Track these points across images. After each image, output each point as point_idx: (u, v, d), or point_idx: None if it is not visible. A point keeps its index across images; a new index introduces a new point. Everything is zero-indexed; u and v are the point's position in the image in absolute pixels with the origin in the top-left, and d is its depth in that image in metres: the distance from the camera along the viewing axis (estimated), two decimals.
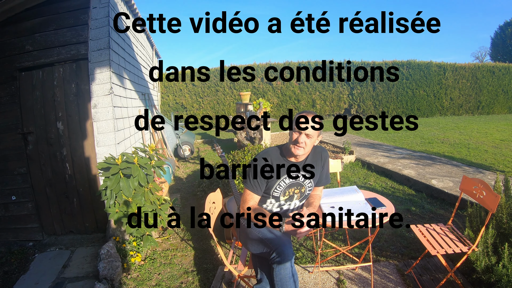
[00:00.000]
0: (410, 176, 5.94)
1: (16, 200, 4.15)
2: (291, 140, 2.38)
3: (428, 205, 4.90)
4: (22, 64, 4.00)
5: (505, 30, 29.11)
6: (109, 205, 3.37)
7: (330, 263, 3.46)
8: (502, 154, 7.94)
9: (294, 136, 2.35)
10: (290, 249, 2.20)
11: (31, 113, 4.07)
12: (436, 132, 12.16)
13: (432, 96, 18.03)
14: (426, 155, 7.98)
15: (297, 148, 2.36)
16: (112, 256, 3.30)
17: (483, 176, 5.78)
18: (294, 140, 2.35)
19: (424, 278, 3.07)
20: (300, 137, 2.32)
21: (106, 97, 3.99)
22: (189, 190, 6.17)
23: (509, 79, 18.98)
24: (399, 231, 4.05)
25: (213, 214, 2.76)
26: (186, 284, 3.24)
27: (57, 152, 4.14)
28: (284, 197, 2.54)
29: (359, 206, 2.75)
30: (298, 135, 2.33)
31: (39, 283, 3.31)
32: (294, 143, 2.36)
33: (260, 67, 17.30)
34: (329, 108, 18.08)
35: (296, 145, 2.35)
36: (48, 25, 3.98)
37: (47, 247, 4.09)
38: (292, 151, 2.38)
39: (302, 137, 2.32)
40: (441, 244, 2.80)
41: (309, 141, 2.35)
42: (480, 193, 2.81)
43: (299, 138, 2.32)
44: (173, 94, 17.22)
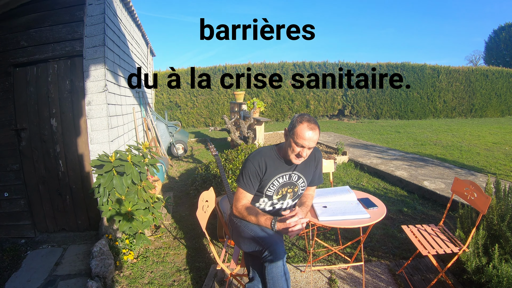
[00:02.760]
0: (403, 177, 5.98)
1: (9, 196, 4.13)
2: (292, 149, 2.35)
3: (420, 206, 4.94)
4: (16, 59, 3.98)
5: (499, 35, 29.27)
6: (102, 202, 3.36)
7: (322, 263, 3.48)
8: (494, 157, 8.01)
9: (295, 148, 2.32)
10: (282, 248, 2.21)
11: (24, 109, 4.05)
12: (429, 134, 12.24)
13: (425, 99, 18.12)
14: (419, 156, 8.03)
15: (297, 159, 2.37)
16: (104, 254, 3.29)
17: (475, 178, 5.83)
18: (297, 153, 2.33)
19: (415, 278, 3.10)
20: (303, 151, 2.32)
21: (100, 94, 3.98)
22: (182, 189, 6.17)
23: (502, 82, 19.14)
24: (391, 232, 4.08)
25: (206, 212, 2.76)
26: (179, 282, 3.24)
27: (50, 149, 4.12)
28: (277, 196, 2.55)
29: (351, 206, 2.78)
30: (301, 148, 2.31)
31: (31, 280, 3.29)
32: (297, 156, 2.35)
33: (255, 67, 17.32)
34: (323, 109, 18.11)
35: (299, 158, 2.36)
36: (43, 21, 3.96)
37: (39, 245, 4.07)
38: (291, 160, 2.38)
39: (305, 151, 2.33)
40: (432, 245, 2.82)
41: (310, 151, 2.36)
42: (471, 194, 2.84)
43: (302, 152, 2.32)
44: (167, 93, 17.18)
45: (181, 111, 17.41)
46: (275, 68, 17.38)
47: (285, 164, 2.50)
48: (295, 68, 17.55)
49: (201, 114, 17.52)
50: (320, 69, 17.58)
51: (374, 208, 2.76)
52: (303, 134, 2.26)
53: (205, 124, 17.61)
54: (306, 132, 2.26)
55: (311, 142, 2.28)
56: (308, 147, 2.30)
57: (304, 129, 2.27)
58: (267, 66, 17.40)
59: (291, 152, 2.36)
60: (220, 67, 17.31)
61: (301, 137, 2.27)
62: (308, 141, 2.27)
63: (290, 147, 2.35)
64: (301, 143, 2.28)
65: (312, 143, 2.29)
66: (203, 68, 17.41)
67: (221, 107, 17.34)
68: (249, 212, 2.40)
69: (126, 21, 6.07)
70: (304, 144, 2.27)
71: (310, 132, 2.26)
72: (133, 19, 7.10)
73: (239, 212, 2.47)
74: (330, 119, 18.50)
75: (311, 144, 2.29)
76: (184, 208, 5.16)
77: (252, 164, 2.43)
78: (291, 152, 2.36)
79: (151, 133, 7.59)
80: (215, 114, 17.44)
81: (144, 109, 7.45)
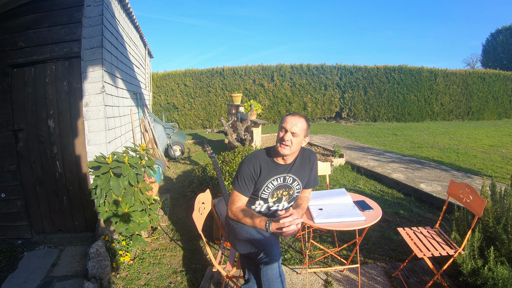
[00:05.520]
0: (399, 180, 6.00)
1: (6, 197, 4.13)
2: (277, 139, 2.43)
3: (416, 208, 4.96)
4: (14, 60, 3.98)
5: (496, 38, 29.39)
6: (99, 204, 3.36)
7: (318, 265, 3.49)
8: (491, 160, 8.05)
9: (280, 135, 2.41)
10: (277, 250, 2.22)
11: (22, 110, 4.05)
12: (426, 137, 12.27)
13: (422, 101, 18.18)
14: (416, 159, 8.06)
15: (283, 147, 2.38)
16: (101, 255, 3.29)
17: (471, 181, 5.86)
18: (280, 138, 2.39)
19: (411, 280, 3.11)
20: (286, 135, 2.36)
21: (98, 95, 3.98)
22: (179, 191, 6.17)
23: (499, 86, 19.23)
24: (387, 234, 4.10)
25: (203, 214, 2.77)
26: (175, 284, 3.24)
27: (47, 150, 4.12)
28: (273, 199, 2.57)
29: (347, 209, 2.79)
30: (283, 133, 2.38)
31: (27, 281, 3.29)
32: (280, 141, 2.40)
33: (253, 69, 17.35)
34: (320, 111, 18.13)
35: (282, 143, 2.38)
36: (42, 22, 3.97)
37: (36, 246, 4.07)
38: (278, 150, 2.41)
39: (288, 135, 2.36)
40: (428, 247, 2.84)
41: (295, 139, 2.38)
42: (467, 197, 2.86)
43: (285, 136, 2.36)
44: (165, 94, 17.20)
45: (178, 113, 17.42)
46: (272, 70, 17.42)
47: (279, 167, 2.51)
48: (292, 70, 17.58)
49: (199, 116, 17.52)
50: (318, 71, 17.65)
51: (369, 210, 2.78)
52: (286, 118, 2.43)
53: (203, 126, 17.60)
54: (288, 117, 2.42)
55: (293, 125, 2.36)
56: (290, 130, 2.36)
57: (287, 116, 2.44)
58: (265, 68, 17.45)
59: (277, 141, 2.44)
60: (218, 69, 17.36)
61: (284, 121, 2.42)
62: (289, 124, 2.37)
63: (277, 138, 2.45)
64: (284, 126, 2.39)
65: (296, 128, 2.36)
66: (200, 70, 17.45)
67: (219, 109, 17.36)
68: (244, 214, 2.41)
69: (124, 22, 6.08)
70: (286, 127, 2.37)
71: (291, 117, 2.41)
72: (131, 21, 7.10)
73: (234, 215, 2.48)
74: (327, 121, 18.53)
75: (294, 129, 2.36)
76: (181, 210, 5.16)
77: (247, 167, 2.45)
78: (277, 142, 2.44)
79: (149, 135, 7.59)
80: (213, 116, 17.44)
81: (142, 111, 7.45)
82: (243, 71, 17.33)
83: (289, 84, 17.61)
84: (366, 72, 17.70)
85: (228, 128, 7.67)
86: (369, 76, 17.72)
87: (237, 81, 17.34)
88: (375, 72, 17.68)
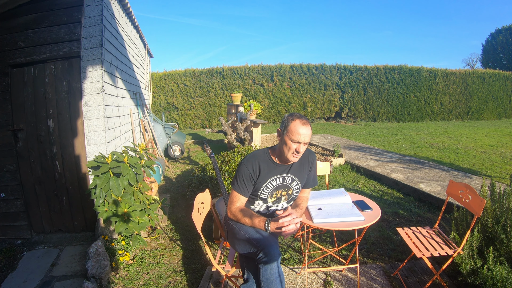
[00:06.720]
0: (399, 180, 6.00)
1: (5, 197, 4.13)
2: (288, 148, 2.38)
3: (415, 208, 4.96)
4: (14, 60, 3.98)
5: (496, 38, 29.37)
6: (99, 204, 3.36)
7: (317, 265, 3.50)
8: (490, 160, 8.06)
9: (291, 145, 2.36)
10: (276, 250, 2.22)
11: (21, 110, 4.05)
12: (425, 137, 12.28)
13: (422, 101, 18.19)
14: (415, 159, 8.06)
15: (295, 156, 2.40)
16: (100, 255, 3.29)
17: (470, 181, 5.86)
18: (294, 150, 2.37)
19: (410, 280, 3.12)
20: (300, 147, 2.35)
21: (97, 95, 3.98)
22: (179, 190, 6.17)
23: (499, 85, 19.25)
24: (387, 234, 4.10)
25: (202, 214, 2.78)
26: (174, 283, 3.25)
27: (47, 150, 4.12)
28: (272, 199, 2.57)
29: (346, 209, 2.79)
30: (297, 144, 2.35)
31: (27, 281, 3.29)
32: (294, 152, 2.38)
33: (252, 69, 17.36)
34: (320, 111, 18.14)
35: (295, 154, 2.38)
36: (41, 21, 3.97)
37: (35, 245, 4.07)
38: (288, 158, 2.41)
39: (302, 147, 2.36)
40: (427, 247, 2.84)
41: (305, 147, 2.40)
42: (466, 197, 2.86)
43: (299, 148, 2.35)
44: (164, 94, 17.20)
45: (178, 113, 17.42)
46: (272, 70, 17.43)
47: (278, 167, 2.52)
48: (292, 70, 17.59)
49: (198, 115, 17.53)
50: (318, 71, 17.66)
51: (369, 210, 2.78)
52: (298, 130, 2.32)
53: (202, 126, 17.61)
54: (300, 128, 2.32)
55: (306, 137, 2.33)
56: (303, 142, 2.34)
57: (297, 125, 2.33)
58: (265, 68, 17.45)
59: (288, 150, 2.39)
60: (218, 69, 17.37)
61: (296, 133, 2.32)
62: (303, 136, 2.32)
63: (286, 146, 2.38)
64: (297, 139, 2.33)
65: (307, 138, 2.35)
66: (200, 69, 17.46)
67: (218, 108, 17.36)
68: (244, 214, 2.42)
69: (123, 22, 6.08)
70: (299, 139, 2.32)
71: (303, 127, 2.33)
72: (131, 21, 7.10)
73: (234, 215, 2.49)
74: (327, 121, 18.54)
75: (306, 139, 2.34)
76: (180, 210, 5.16)
77: (246, 167, 2.45)
78: (287, 151, 2.39)
79: (148, 135, 7.59)
80: (212, 116, 17.45)
81: (141, 111, 7.45)
82: (242, 71, 17.33)
83: (288, 84, 17.61)
84: (365, 72, 17.70)
85: (227, 128, 7.67)
86: (368, 76, 17.72)
87: (236, 81, 17.34)
88: (375, 72, 17.69)
